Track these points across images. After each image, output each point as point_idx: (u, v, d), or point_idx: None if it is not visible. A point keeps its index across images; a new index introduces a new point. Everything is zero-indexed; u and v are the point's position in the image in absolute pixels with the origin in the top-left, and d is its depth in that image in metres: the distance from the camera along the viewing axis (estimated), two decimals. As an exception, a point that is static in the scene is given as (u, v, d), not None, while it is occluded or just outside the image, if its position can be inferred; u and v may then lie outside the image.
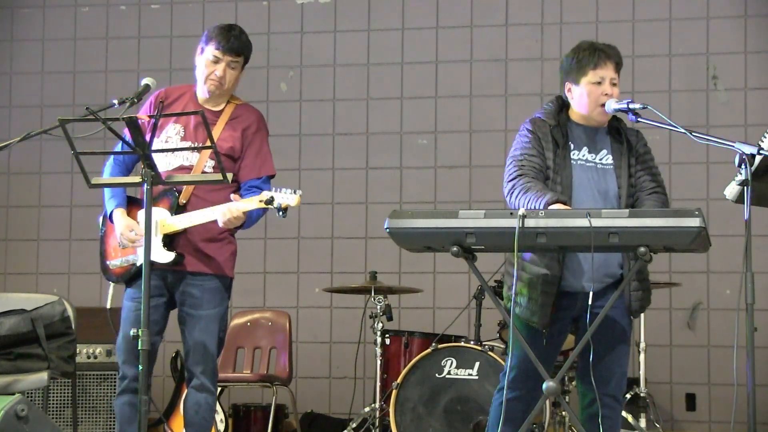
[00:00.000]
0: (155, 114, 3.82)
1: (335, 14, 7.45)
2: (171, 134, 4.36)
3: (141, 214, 4.31)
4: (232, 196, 4.21)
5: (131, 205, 4.41)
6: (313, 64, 7.46)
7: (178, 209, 4.26)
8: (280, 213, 4.11)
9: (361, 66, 7.41)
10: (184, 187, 4.27)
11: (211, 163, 4.30)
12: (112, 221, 4.38)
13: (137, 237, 4.26)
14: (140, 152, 3.80)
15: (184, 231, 4.26)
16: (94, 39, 7.65)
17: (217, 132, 4.31)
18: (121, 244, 4.37)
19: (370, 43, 7.42)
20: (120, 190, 4.41)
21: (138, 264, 4.29)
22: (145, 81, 4.26)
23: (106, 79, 7.53)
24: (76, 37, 7.65)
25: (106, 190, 4.41)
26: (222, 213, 4.17)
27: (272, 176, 4.43)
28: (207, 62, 4.35)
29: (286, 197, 4.11)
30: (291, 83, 7.47)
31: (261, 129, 4.44)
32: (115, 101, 4.20)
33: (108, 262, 4.43)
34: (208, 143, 3.89)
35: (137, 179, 3.95)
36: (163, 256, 4.23)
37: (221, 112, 4.39)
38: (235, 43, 4.33)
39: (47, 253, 7.48)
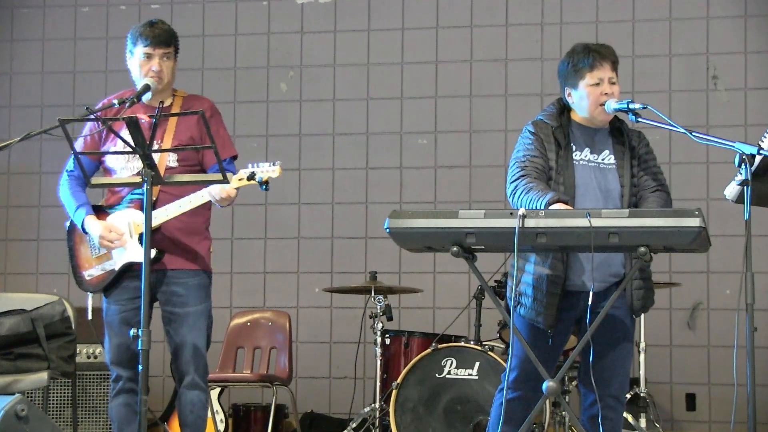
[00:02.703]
0: (156, 115, 3.81)
1: (335, 14, 7.45)
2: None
3: (110, 219, 4.29)
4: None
5: (97, 213, 4.36)
6: (313, 64, 7.45)
7: None
8: (263, 187, 4.10)
9: (361, 66, 7.41)
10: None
11: (174, 156, 4.29)
12: (85, 231, 4.34)
13: (117, 236, 4.23)
14: (140, 152, 3.79)
15: (159, 227, 4.23)
16: (94, 39, 7.64)
17: (172, 126, 4.29)
18: (98, 248, 4.32)
19: (370, 43, 7.42)
20: (85, 200, 4.38)
21: (117, 269, 4.28)
22: (145, 81, 4.26)
23: (106, 79, 7.52)
24: (76, 37, 7.65)
25: (69, 202, 4.38)
26: (212, 194, 4.16)
27: (235, 157, 4.42)
28: (141, 62, 4.31)
29: (266, 170, 4.11)
30: (291, 83, 7.47)
31: (215, 113, 4.42)
32: (115, 101, 4.20)
33: (83, 273, 4.38)
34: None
35: (137, 179, 3.95)
36: (142, 255, 4.18)
37: (170, 107, 4.35)
38: (161, 34, 4.31)
39: (47, 253, 7.46)
